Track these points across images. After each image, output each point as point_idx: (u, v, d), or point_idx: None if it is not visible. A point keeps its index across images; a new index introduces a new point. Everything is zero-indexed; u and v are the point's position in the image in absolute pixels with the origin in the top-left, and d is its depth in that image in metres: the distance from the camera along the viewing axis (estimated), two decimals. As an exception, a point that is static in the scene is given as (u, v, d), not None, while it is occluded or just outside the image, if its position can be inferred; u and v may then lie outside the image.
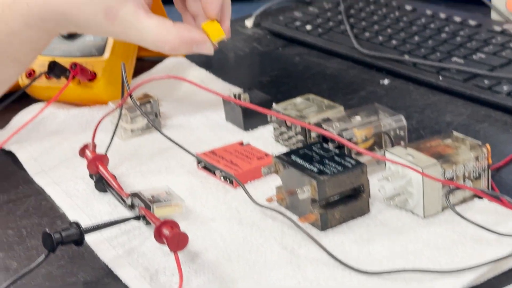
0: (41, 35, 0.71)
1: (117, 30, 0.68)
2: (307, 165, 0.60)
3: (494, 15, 0.97)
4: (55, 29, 0.71)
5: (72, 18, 0.69)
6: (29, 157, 0.77)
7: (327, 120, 0.68)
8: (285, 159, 0.61)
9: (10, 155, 0.79)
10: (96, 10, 0.68)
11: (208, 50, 0.70)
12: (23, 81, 0.86)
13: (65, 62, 0.84)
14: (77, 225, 0.58)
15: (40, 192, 0.71)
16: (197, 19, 0.72)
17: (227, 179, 0.67)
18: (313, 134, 0.69)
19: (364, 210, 0.60)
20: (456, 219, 0.57)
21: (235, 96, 0.77)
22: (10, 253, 0.62)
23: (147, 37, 0.67)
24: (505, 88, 0.76)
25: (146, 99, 0.79)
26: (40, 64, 0.86)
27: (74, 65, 0.82)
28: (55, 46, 0.86)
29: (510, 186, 0.63)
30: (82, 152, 0.70)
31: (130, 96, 0.69)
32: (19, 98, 0.88)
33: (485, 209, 0.59)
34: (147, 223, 0.62)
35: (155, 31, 0.67)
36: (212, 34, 0.69)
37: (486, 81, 0.78)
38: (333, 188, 0.58)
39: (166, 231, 0.55)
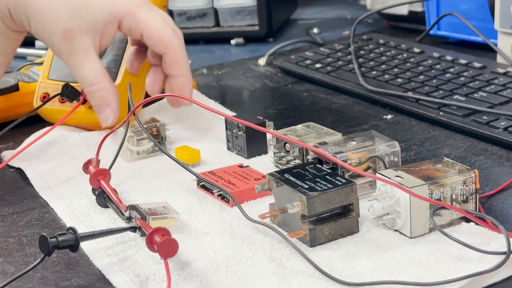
0: (10, 24, 0.77)
1: (63, 48, 0.77)
2: (298, 182, 0.62)
3: (499, 59, 0.99)
4: (17, 19, 0.76)
5: (33, 13, 0.75)
6: (36, 174, 0.80)
7: (324, 143, 0.69)
8: (278, 176, 0.63)
9: (20, 173, 0.82)
10: (60, 23, 0.75)
11: (106, 120, 0.79)
12: (38, 104, 0.89)
13: (79, 86, 0.87)
14: (74, 230, 0.60)
15: (44, 206, 0.73)
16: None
17: (224, 198, 0.69)
18: (310, 158, 0.70)
19: (353, 229, 0.62)
20: (441, 239, 0.59)
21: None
22: (9, 258, 0.64)
23: (81, 71, 0.77)
24: (503, 123, 0.78)
25: (153, 123, 0.82)
26: (55, 88, 0.89)
27: (86, 88, 0.85)
28: (69, 71, 0.89)
29: (498, 212, 0.64)
30: (85, 167, 0.72)
31: (134, 114, 0.72)
32: (34, 122, 0.91)
33: (471, 231, 0.60)
34: (143, 234, 0.64)
35: (90, 70, 0.77)
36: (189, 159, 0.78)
37: (484, 117, 0.80)
38: (322, 205, 0.60)
39: (157, 238, 0.57)
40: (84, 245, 0.63)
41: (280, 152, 0.75)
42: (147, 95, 0.91)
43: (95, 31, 0.77)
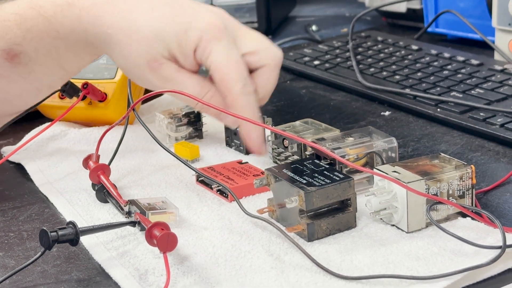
0: (83, 46, 0.73)
1: (153, 79, 0.73)
2: (296, 177, 0.62)
3: (497, 56, 1.00)
4: (94, 45, 0.73)
5: (115, 45, 0.72)
6: (36, 170, 0.80)
7: (322, 139, 0.70)
8: (276, 171, 0.64)
9: (20, 168, 0.82)
10: (142, 54, 0.71)
11: (231, 123, 0.74)
12: (37, 99, 0.90)
13: (78, 82, 0.87)
14: (74, 224, 0.61)
15: (44, 201, 0.74)
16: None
17: (223, 193, 0.70)
18: (308, 153, 0.71)
19: (350, 224, 0.62)
20: (438, 234, 0.59)
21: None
22: (10, 253, 0.64)
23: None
24: (500, 120, 0.78)
25: (191, 110, 0.84)
26: (54, 84, 0.89)
27: (86, 84, 0.86)
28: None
29: (495, 208, 0.65)
30: (85, 163, 0.73)
31: (133, 110, 0.72)
32: (34, 118, 0.92)
33: (467, 226, 0.61)
34: (142, 229, 0.64)
35: (192, 88, 0.71)
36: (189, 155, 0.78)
37: (481, 114, 0.81)
38: (320, 200, 0.60)
39: (156, 232, 0.58)
40: (84, 240, 0.64)
41: (278, 148, 0.75)
42: (146, 91, 0.92)
43: (175, 59, 0.73)
